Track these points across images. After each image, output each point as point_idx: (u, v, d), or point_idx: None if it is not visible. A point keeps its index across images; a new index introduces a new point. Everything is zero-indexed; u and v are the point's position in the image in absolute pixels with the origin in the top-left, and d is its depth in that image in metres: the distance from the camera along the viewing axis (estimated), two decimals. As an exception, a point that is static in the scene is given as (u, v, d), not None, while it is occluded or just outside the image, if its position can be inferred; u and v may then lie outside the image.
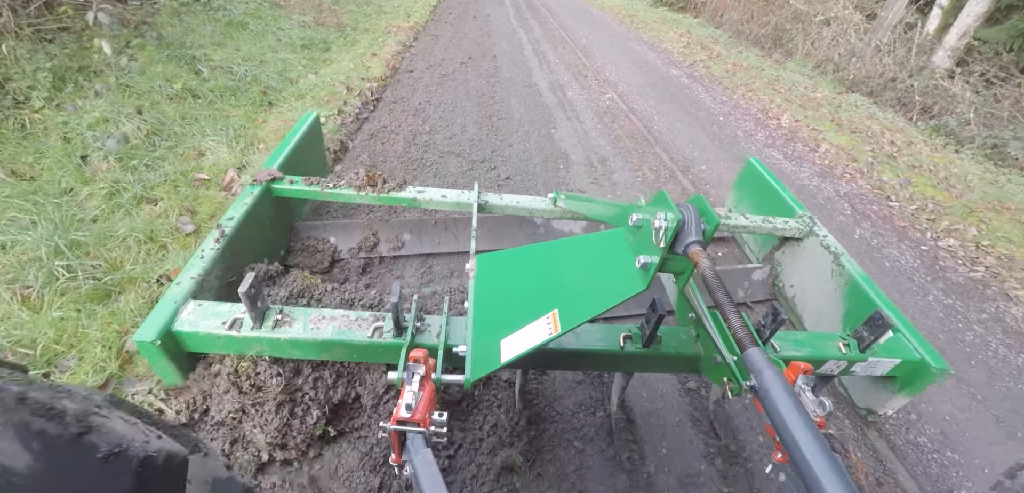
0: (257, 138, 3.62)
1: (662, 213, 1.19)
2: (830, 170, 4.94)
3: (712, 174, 4.41)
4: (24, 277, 2.11)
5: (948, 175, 5.21)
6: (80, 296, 2.05)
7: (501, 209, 2.42)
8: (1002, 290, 3.49)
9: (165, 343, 1.49)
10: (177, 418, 1.63)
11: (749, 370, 1.03)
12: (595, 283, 1.36)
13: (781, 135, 5.67)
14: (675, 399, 2.20)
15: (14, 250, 2.22)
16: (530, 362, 1.72)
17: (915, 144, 6.06)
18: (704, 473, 1.95)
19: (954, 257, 3.79)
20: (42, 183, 2.68)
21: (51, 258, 2.16)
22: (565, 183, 3.86)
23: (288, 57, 5.44)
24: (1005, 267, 3.72)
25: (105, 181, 2.71)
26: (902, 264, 3.60)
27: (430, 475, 1.01)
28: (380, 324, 1.60)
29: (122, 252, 2.32)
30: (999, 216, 4.46)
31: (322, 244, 2.56)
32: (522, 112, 5.14)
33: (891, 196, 4.55)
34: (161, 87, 3.85)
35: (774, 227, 2.56)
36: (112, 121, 3.24)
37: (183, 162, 3.12)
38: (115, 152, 2.93)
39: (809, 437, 0.84)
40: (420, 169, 3.73)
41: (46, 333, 1.89)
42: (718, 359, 1.44)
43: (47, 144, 3.01)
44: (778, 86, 7.58)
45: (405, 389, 1.17)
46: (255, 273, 1.49)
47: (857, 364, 1.84)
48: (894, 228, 4.07)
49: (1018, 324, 3.18)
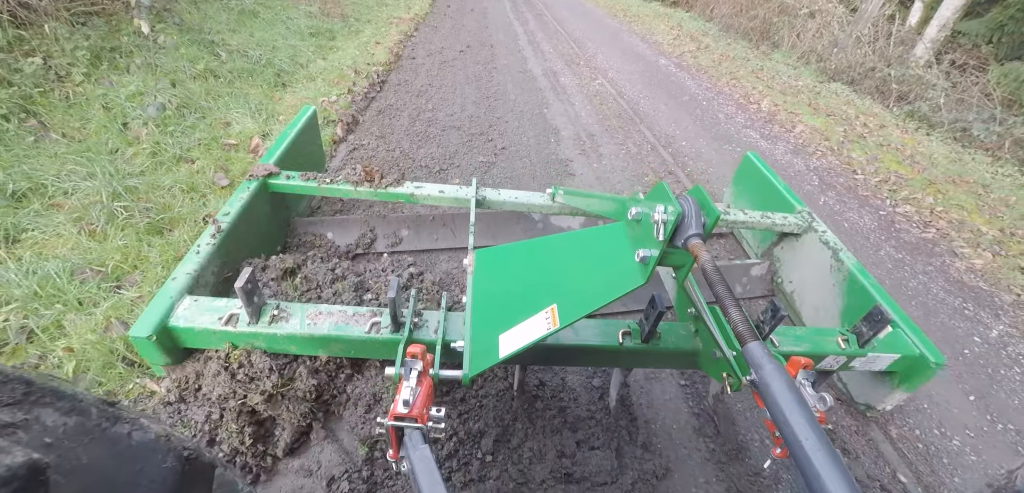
0: (276, 112, 3.99)
1: (661, 206, 1.19)
2: (803, 148, 5.32)
3: (691, 149, 4.79)
4: (88, 216, 2.47)
5: (914, 154, 5.61)
6: (138, 230, 2.42)
7: (499, 205, 2.40)
8: (949, 248, 3.87)
9: (160, 339, 1.47)
10: (167, 395, 1.65)
11: (749, 365, 1.01)
12: (594, 277, 1.35)
13: (760, 118, 6.05)
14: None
15: (77, 195, 2.58)
16: (528, 358, 1.70)
17: (887, 127, 6.45)
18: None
19: (909, 221, 4.18)
20: (90, 144, 3.03)
21: (110, 200, 2.53)
22: (556, 154, 4.23)
23: (297, 44, 5.79)
24: (955, 229, 4.11)
25: (147, 143, 3.07)
26: (860, 226, 3.98)
27: (428, 472, 1.00)
28: (377, 320, 1.58)
29: (169, 198, 2.68)
30: (957, 188, 4.85)
31: (319, 240, 2.55)
32: (517, 94, 5.51)
33: (857, 170, 4.94)
34: (185, 67, 4.21)
35: (772, 223, 2.55)
36: (147, 94, 3.60)
37: (212, 130, 3.48)
38: (155, 119, 3.28)
39: (810, 432, 0.83)
40: (424, 141, 4.09)
41: (113, 257, 2.25)
42: (717, 354, 1.44)
43: (90, 113, 3.36)
44: (761, 75, 7.96)
45: (403, 384, 1.16)
46: (251, 268, 1.49)
47: (856, 359, 1.83)
48: (857, 197, 4.45)
49: (959, 275, 3.57)
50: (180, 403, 1.60)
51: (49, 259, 2.18)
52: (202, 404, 1.58)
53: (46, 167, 2.72)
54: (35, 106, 3.23)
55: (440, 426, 1.15)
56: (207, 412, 1.58)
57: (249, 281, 1.44)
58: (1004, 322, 3.16)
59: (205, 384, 1.57)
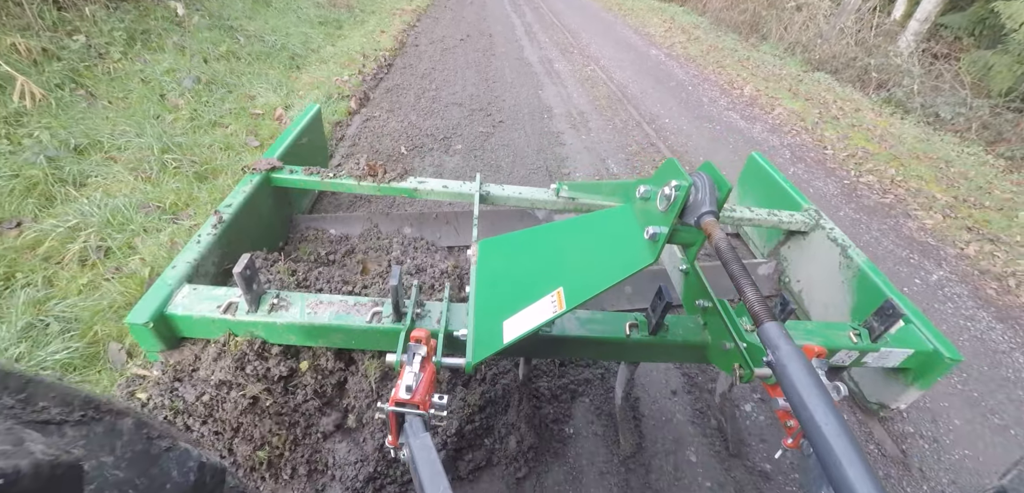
0: (294, 89, 4.39)
1: (672, 182, 1.16)
2: (779, 127, 5.73)
3: (673, 126, 5.19)
4: (142, 166, 2.86)
5: (884, 134, 6.01)
6: (187, 176, 2.82)
7: (503, 200, 2.36)
8: (904, 211, 4.28)
9: (158, 326, 1.46)
10: (163, 378, 1.62)
11: (766, 345, 0.97)
12: (602, 258, 1.32)
13: (742, 101, 6.45)
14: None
15: (129, 150, 2.98)
16: (533, 350, 1.67)
17: (862, 111, 6.86)
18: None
19: (870, 189, 4.59)
20: (135, 110, 3.43)
21: (160, 154, 2.92)
22: (549, 127, 4.63)
23: (308, 31, 6.18)
24: (912, 196, 4.52)
25: (186, 110, 3.47)
26: (824, 191, 4.39)
27: (428, 460, 0.98)
28: (379, 309, 1.56)
29: (209, 154, 3.08)
30: (919, 163, 5.26)
31: (321, 235, 2.55)
32: (514, 77, 5.90)
33: (828, 147, 5.35)
34: (210, 48, 4.60)
35: (779, 221, 2.52)
36: (179, 71, 3.99)
37: (240, 102, 3.88)
38: (191, 90, 3.68)
39: (830, 416, 0.80)
40: (430, 114, 4.49)
41: (169, 196, 2.65)
42: (727, 346, 1.41)
43: (130, 86, 3.75)
44: (747, 64, 8.37)
45: (405, 370, 1.14)
46: (250, 255, 1.45)
47: (869, 354, 1.78)
48: (825, 168, 4.86)
49: (910, 232, 3.98)
50: (174, 383, 1.56)
51: (115, 197, 2.57)
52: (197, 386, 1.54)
53: (100, 127, 3.11)
54: (82, 78, 3.62)
55: (442, 414, 1.13)
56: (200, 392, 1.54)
57: (248, 268, 1.42)
58: (945, 269, 3.57)
59: (203, 369, 1.54)
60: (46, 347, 1.82)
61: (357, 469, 1.62)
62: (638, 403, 2.14)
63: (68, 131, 2.99)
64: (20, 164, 2.66)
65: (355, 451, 1.66)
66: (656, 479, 1.86)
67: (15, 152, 2.75)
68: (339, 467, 1.63)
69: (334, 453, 1.66)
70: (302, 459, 1.61)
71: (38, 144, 2.80)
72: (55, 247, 2.28)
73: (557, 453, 1.89)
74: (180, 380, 1.53)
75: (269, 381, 1.56)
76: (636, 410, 2.10)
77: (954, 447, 2.23)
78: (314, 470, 1.63)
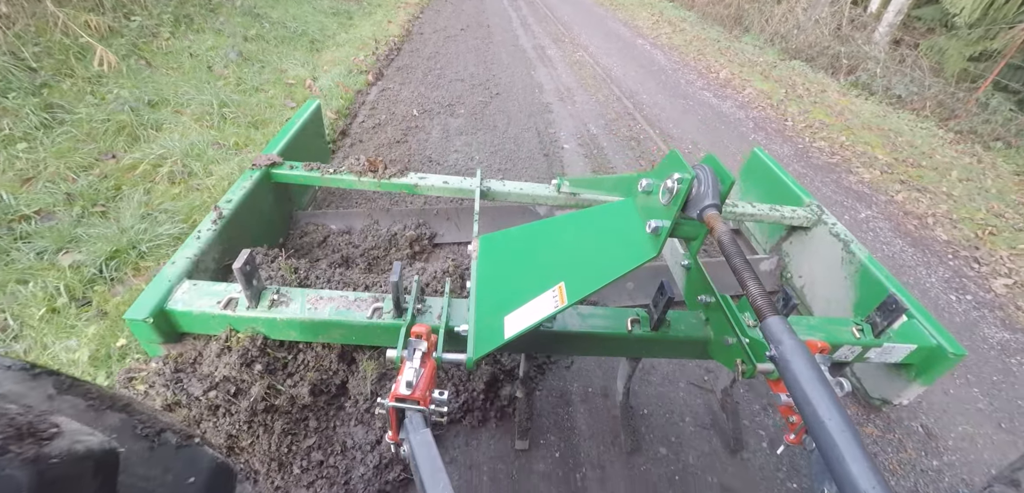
0: (319, 65, 5.06)
1: (674, 174, 1.14)
2: (748, 104, 6.39)
3: (650, 101, 5.85)
4: (205, 118, 3.52)
5: (844, 110, 6.67)
6: (243, 125, 3.47)
7: (504, 196, 2.36)
8: (847, 168, 4.94)
9: (158, 322, 1.45)
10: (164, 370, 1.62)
11: (769, 340, 0.96)
12: (603, 253, 1.31)
13: (716, 83, 7.12)
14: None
15: (193, 105, 3.63)
16: (534, 345, 1.67)
17: (827, 92, 7.52)
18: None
19: (821, 152, 5.25)
20: (189, 77, 4.08)
21: (219, 108, 3.58)
22: (539, 100, 5.28)
23: (323, 20, 6.84)
24: (857, 157, 5.17)
25: (232, 78, 4.12)
26: (778, 153, 5.04)
27: (429, 456, 0.98)
28: (379, 305, 1.56)
29: (258, 110, 3.74)
30: (870, 132, 5.92)
31: (321, 231, 2.55)
32: (510, 60, 6.57)
33: (789, 119, 6.01)
34: (241, 31, 5.25)
35: (781, 216, 2.51)
36: (220, 48, 4.65)
37: (274, 74, 4.54)
38: (235, 61, 4.33)
39: (833, 411, 0.79)
40: (436, 88, 5.14)
41: (230, 138, 3.30)
42: (730, 341, 1.40)
43: (181, 60, 4.40)
44: (727, 52, 9.04)
45: (405, 365, 1.15)
46: (251, 251, 1.46)
47: (871, 350, 1.77)
48: (783, 136, 5.52)
49: (849, 184, 4.63)
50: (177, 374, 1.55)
51: (188, 138, 3.23)
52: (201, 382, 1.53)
53: (165, 88, 3.76)
54: (141, 52, 4.27)
55: (442, 409, 1.13)
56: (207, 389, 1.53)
57: (248, 263, 1.42)
58: (873, 210, 4.23)
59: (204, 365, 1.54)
60: (160, 227, 2.47)
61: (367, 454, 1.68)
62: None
63: (141, 90, 3.64)
64: (108, 112, 3.30)
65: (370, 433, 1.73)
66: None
67: (101, 105, 3.40)
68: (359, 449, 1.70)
69: (351, 436, 1.73)
70: (309, 455, 1.65)
71: (119, 98, 3.45)
72: (148, 171, 2.93)
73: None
74: (182, 373, 1.52)
75: (273, 376, 1.58)
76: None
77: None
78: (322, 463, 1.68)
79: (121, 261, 2.26)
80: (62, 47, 3.74)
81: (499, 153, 3.95)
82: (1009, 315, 3.19)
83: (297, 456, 1.64)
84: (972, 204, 4.47)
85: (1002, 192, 4.85)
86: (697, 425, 2.06)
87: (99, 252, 2.21)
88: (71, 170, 2.80)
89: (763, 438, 2.06)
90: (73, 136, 3.06)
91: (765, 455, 1.99)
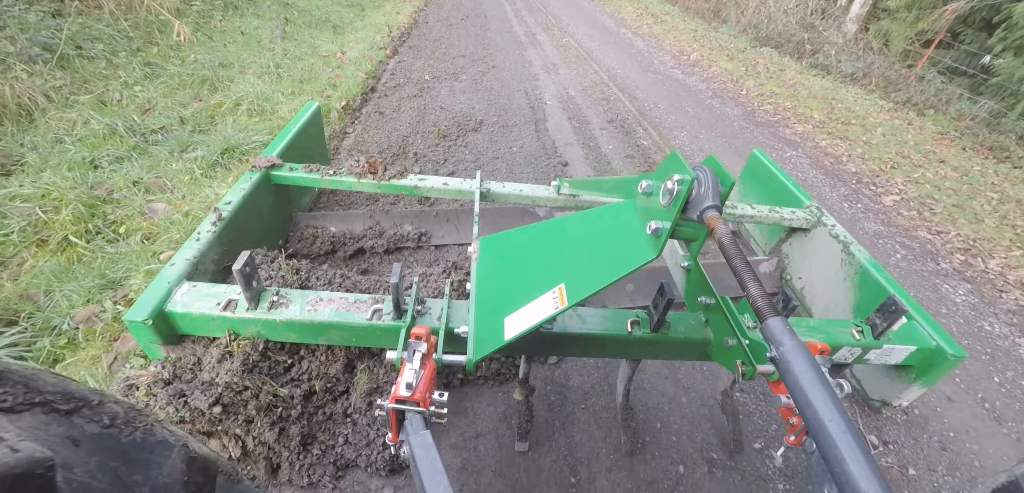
0: (345, 42, 6.05)
1: (674, 175, 1.13)
2: (711, 79, 7.38)
3: (624, 75, 6.85)
4: (265, 75, 4.50)
5: (796, 84, 7.66)
6: (295, 80, 4.46)
7: (504, 198, 2.38)
8: (785, 124, 5.92)
9: (157, 323, 1.46)
10: (162, 372, 1.59)
11: (769, 341, 0.94)
12: (603, 254, 1.30)
13: (686, 63, 8.11)
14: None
15: (253, 67, 4.61)
16: (534, 347, 1.68)
17: (786, 71, 8.52)
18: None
19: (766, 113, 6.23)
20: (244, 48, 5.06)
21: (275, 68, 4.57)
22: (529, 72, 6.27)
23: (342, 10, 7.85)
24: (795, 116, 6.16)
25: (279, 50, 5.12)
26: (728, 115, 6.03)
27: (429, 458, 0.98)
28: (379, 307, 1.57)
29: (303, 71, 4.73)
30: (814, 100, 6.91)
31: (321, 232, 2.55)
32: (504, 43, 7.57)
33: (743, 90, 7.00)
34: (277, 15, 6.26)
35: (781, 217, 2.51)
36: (263, 27, 5.65)
37: (309, 48, 5.53)
38: (279, 38, 5.34)
39: (834, 412, 0.79)
40: (442, 61, 6.15)
41: (287, 89, 4.28)
42: (730, 342, 1.41)
43: (235, 36, 5.39)
44: (702, 40, 10.04)
45: (405, 367, 1.16)
46: (250, 253, 1.45)
47: (871, 352, 1.77)
48: (736, 102, 6.50)
49: (784, 135, 5.61)
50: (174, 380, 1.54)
51: (255, 88, 4.21)
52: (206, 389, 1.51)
53: (229, 56, 4.75)
54: (202, 29, 5.27)
55: (442, 411, 1.14)
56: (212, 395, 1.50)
57: (247, 265, 1.43)
58: (798, 152, 5.21)
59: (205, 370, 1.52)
60: (253, 137, 3.45)
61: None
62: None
63: (212, 56, 4.62)
64: (191, 71, 4.29)
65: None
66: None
67: (184, 65, 4.38)
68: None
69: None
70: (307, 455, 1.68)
71: (198, 61, 4.44)
72: (230, 108, 3.91)
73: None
74: (181, 378, 1.52)
75: (273, 379, 1.58)
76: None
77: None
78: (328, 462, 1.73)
79: (229, 155, 3.24)
80: (147, 22, 4.73)
81: (494, 106, 4.94)
82: (889, 218, 4.17)
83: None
84: (885, 150, 5.45)
85: (918, 143, 5.84)
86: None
87: (215, 148, 3.19)
88: (176, 105, 3.79)
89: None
90: (170, 85, 4.05)
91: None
